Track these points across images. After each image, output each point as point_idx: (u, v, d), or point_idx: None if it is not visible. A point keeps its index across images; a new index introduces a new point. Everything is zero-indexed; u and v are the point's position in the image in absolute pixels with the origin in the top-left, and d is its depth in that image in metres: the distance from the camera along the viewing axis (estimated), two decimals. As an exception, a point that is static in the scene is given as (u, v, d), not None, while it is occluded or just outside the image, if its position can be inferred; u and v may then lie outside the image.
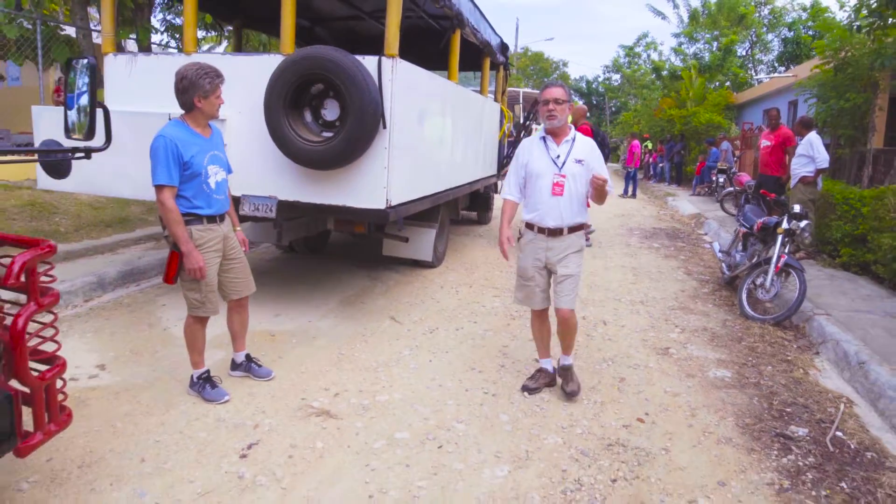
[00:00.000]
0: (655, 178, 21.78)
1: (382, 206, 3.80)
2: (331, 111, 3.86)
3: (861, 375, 3.57)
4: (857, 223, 5.96)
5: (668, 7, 49.84)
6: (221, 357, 3.67)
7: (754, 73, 25.93)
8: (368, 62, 3.67)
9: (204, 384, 3.12)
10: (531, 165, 3.17)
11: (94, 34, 8.73)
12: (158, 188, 2.70)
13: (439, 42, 5.72)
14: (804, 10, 24.02)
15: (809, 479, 2.57)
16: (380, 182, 3.78)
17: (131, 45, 9.70)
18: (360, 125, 3.57)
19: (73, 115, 1.93)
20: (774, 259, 4.71)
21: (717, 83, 23.11)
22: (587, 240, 7.37)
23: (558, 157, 3.11)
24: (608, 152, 9.45)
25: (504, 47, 7.64)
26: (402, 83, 3.82)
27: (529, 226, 3.23)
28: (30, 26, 7.81)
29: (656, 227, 9.98)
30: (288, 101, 3.71)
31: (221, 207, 2.96)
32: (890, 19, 6.24)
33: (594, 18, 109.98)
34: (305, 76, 3.66)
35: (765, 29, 26.14)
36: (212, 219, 2.90)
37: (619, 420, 3.05)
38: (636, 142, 16.42)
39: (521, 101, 13.74)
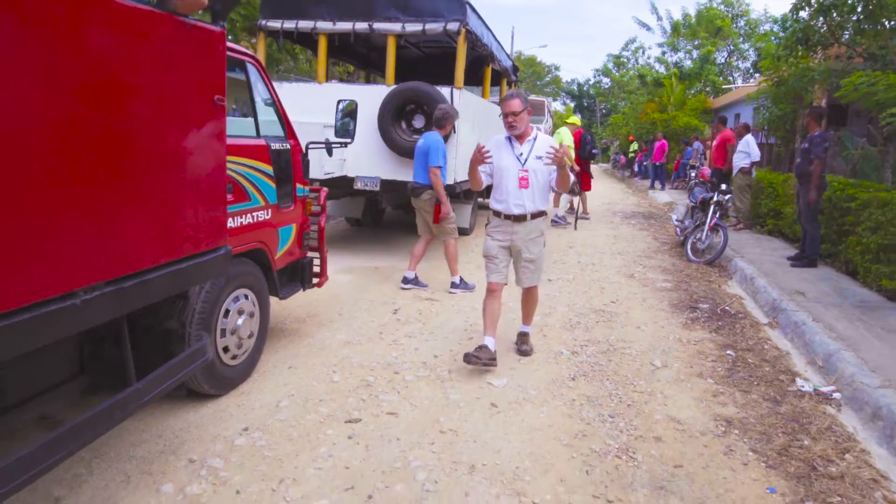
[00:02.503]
0: (640, 174, 24.08)
1: (452, 182, 5.96)
2: (418, 121, 6.03)
3: (751, 284, 5.78)
4: (777, 200, 8.18)
5: (652, 19, 52.40)
6: (348, 280, 5.80)
7: (732, 80, 28.32)
8: (445, 91, 5.84)
9: (462, 281, 5.40)
10: (498, 162, 3.58)
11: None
12: (437, 168, 4.94)
13: (473, 66, 7.89)
14: (776, 22, 26.44)
15: (701, 320, 4.77)
16: (450, 167, 5.94)
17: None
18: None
19: (341, 127, 4.10)
20: (708, 220, 6.92)
21: (697, 89, 25.48)
22: (587, 217, 9.48)
23: (521, 154, 3.55)
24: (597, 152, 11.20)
25: (515, 69, 9.83)
26: (463, 104, 5.99)
27: (497, 213, 3.67)
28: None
29: (635, 211, 12.24)
30: (393, 114, 5.88)
31: None
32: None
33: (587, 19, 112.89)
34: (405, 100, 5.83)
35: (741, 39, 28.54)
36: (451, 187, 5.16)
37: (600, 301, 5.24)
38: (664, 141, 18.47)
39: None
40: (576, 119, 9.96)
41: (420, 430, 2.90)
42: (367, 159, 6.20)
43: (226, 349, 3.14)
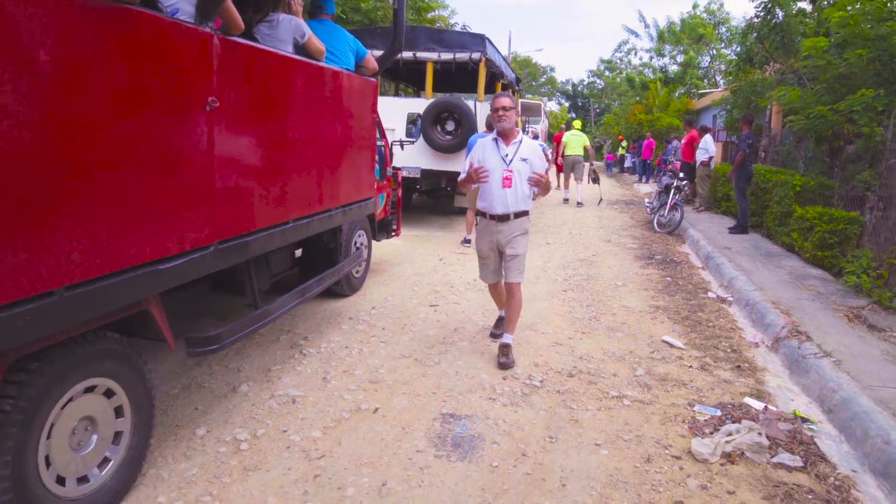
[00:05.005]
0: (629, 170, 26.21)
1: (475, 170, 8.02)
2: (449, 125, 8.07)
3: (696, 245, 7.86)
4: (728, 187, 10.26)
5: (640, 26, 54.48)
6: (400, 242, 7.84)
7: (716, 83, 30.46)
8: (470, 103, 7.88)
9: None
10: (484, 162, 3.66)
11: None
12: None
13: (487, 82, 9.95)
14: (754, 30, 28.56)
15: (654, 264, 6.84)
16: (474, 158, 7.99)
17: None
18: (467, 133, 7.78)
19: (408, 131, 6.13)
20: (669, 201, 9.00)
21: (681, 91, 27.63)
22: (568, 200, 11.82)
23: (507, 155, 3.64)
24: None
25: (518, 80, 11.91)
26: (482, 112, 8.03)
27: (482, 213, 3.77)
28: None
29: (620, 199, 14.36)
30: (431, 120, 7.92)
31: None
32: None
33: (580, 18, 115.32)
34: (440, 109, 7.87)
35: (723, 45, 30.69)
36: None
37: (584, 255, 7.31)
38: (652, 140, 20.82)
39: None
40: (579, 122, 13.47)
41: (474, 309, 4.96)
42: (410, 154, 8.23)
43: (354, 266, 5.17)
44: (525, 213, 3.75)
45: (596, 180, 13.51)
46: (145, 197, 2.10)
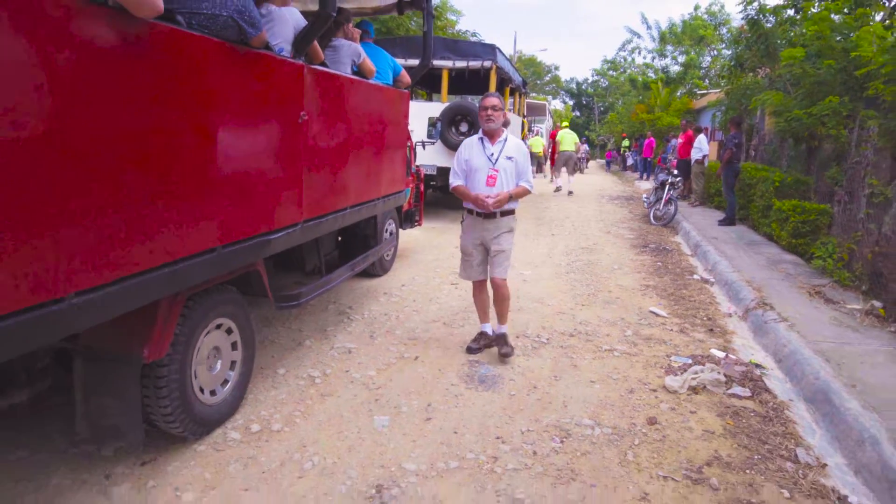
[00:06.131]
0: (631, 167, 26.95)
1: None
2: (463, 126, 8.87)
3: (687, 235, 8.64)
4: (719, 183, 11.02)
5: (642, 28, 55.04)
6: (418, 233, 8.64)
7: (717, 82, 31.13)
8: (482, 106, 8.68)
9: None
10: (471, 161, 3.72)
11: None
12: None
13: (496, 86, 10.75)
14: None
15: (648, 252, 7.63)
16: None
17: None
18: (479, 133, 8.58)
19: (429, 133, 6.94)
20: (664, 196, 9.78)
21: (682, 91, 28.31)
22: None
23: (492, 154, 3.67)
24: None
25: (524, 83, 12.71)
26: (493, 114, 8.84)
27: (469, 211, 3.84)
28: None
29: (620, 195, 15.15)
30: (447, 122, 8.72)
31: None
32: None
33: (584, 17, 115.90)
34: (455, 112, 8.67)
35: (723, 45, 31.34)
36: None
37: (585, 244, 8.10)
38: (653, 139, 21.63)
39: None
40: (567, 121, 14.41)
41: (489, 286, 5.76)
42: (428, 153, 9.03)
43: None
44: (511, 212, 3.83)
45: (580, 170, 15.57)
46: (266, 186, 2.91)
